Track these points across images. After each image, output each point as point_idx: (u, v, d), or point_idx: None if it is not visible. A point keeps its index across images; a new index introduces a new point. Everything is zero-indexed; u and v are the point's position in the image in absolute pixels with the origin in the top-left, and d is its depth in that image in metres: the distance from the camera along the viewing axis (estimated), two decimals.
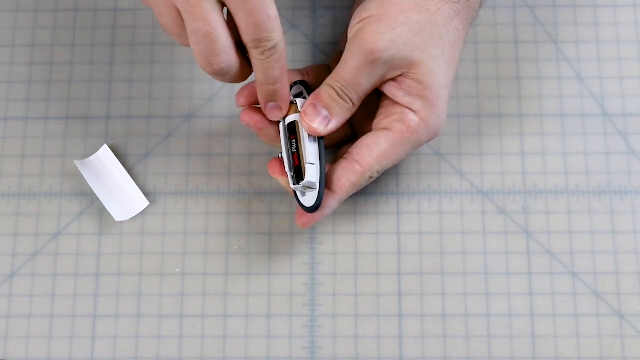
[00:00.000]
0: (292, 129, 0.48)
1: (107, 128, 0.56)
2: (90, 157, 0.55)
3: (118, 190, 0.54)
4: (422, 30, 0.47)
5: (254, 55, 0.44)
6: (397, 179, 0.55)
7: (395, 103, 0.48)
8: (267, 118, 0.49)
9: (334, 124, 0.48)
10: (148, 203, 0.54)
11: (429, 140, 0.50)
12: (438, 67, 0.47)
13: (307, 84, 0.50)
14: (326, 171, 0.48)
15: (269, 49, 0.44)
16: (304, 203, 0.48)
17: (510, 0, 0.58)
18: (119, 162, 0.55)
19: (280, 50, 0.44)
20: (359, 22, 0.47)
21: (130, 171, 0.55)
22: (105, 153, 0.55)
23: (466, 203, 0.54)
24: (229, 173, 0.55)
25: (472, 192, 0.54)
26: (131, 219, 0.54)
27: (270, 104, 0.47)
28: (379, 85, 0.48)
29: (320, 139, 0.48)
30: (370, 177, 0.49)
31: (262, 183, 0.55)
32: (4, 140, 0.56)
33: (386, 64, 0.47)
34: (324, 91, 0.47)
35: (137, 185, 0.54)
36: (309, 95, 0.49)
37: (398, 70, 0.47)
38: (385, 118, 0.49)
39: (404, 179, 0.55)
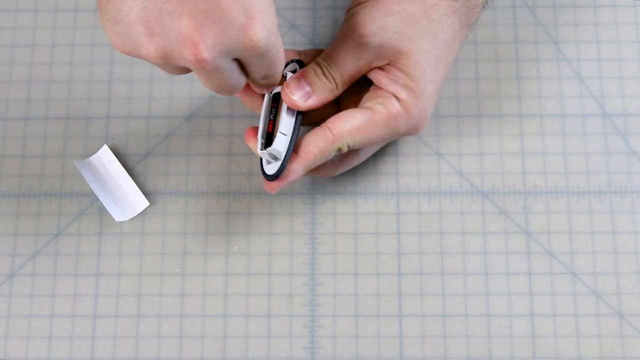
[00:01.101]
0: (277, 99, 0.48)
1: (107, 128, 0.56)
2: (90, 157, 0.55)
3: (118, 190, 0.54)
4: (416, 23, 0.47)
5: (260, 84, 0.44)
6: (397, 179, 0.55)
7: (382, 89, 0.48)
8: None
9: (313, 101, 0.47)
10: (148, 203, 0.54)
11: (406, 133, 0.49)
12: (427, 62, 0.47)
13: (303, 63, 0.49)
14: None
15: (275, 80, 0.44)
16: (266, 171, 0.47)
17: (510, 0, 0.58)
18: (119, 162, 0.55)
19: (279, 74, 0.44)
20: (356, 6, 0.48)
21: (130, 171, 0.55)
22: (105, 153, 0.55)
23: (466, 203, 0.54)
24: (229, 173, 0.55)
25: (472, 192, 0.54)
26: (131, 219, 0.54)
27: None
28: (366, 71, 0.48)
29: (298, 114, 0.47)
30: (340, 149, 0.48)
31: (262, 183, 0.55)
32: (4, 140, 0.56)
33: (374, 50, 0.46)
34: (311, 68, 0.47)
35: (137, 185, 0.54)
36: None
37: (386, 59, 0.47)
38: (369, 100, 0.48)
39: (404, 179, 0.55)
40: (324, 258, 0.53)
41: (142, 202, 0.54)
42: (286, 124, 0.47)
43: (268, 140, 0.47)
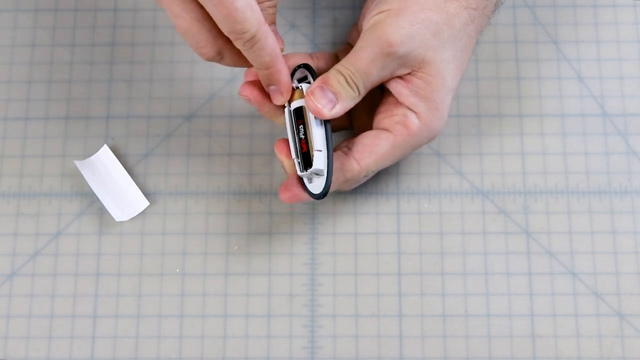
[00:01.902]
0: (299, 114, 0.48)
1: (107, 128, 0.56)
2: (90, 157, 0.55)
3: (118, 190, 0.54)
4: (439, 31, 0.47)
5: (237, 46, 0.44)
6: (397, 179, 0.55)
7: (398, 103, 0.48)
8: (265, 92, 0.48)
9: (339, 109, 0.47)
10: (148, 203, 0.54)
11: (427, 142, 0.50)
12: (447, 71, 0.47)
13: (312, 68, 0.49)
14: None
15: (248, 40, 0.43)
16: (312, 190, 0.48)
17: (510, 0, 0.58)
18: (119, 162, 0.55)
19: (262, 38, 0.44)
20: (378, 14, 0.47)
21: (130, 171, 0.55)
22: (105, 153, 0.55)
23: (466, 203, 0.54)
24: (229, 173, 0.55)
25: (472, 192, 0.54)
26: (131, 219, 0.54)
27: (272, 87, 0.47)
28: (386, 80, 0.48)
29: (326, 124, 0.47)
30: (365, 176, 0.49)
31: (262, 183, 0.55)
32: (4, 140, 0.56)
33: (400, 59, 0.46)
34: (333, 76, 0.47)
35: (137, 185, 0.54)
36: (313, 79, 0.48)
37: (408, 67, 0.47)
38: (387, 117, 0.49)
39: (404, 179, 0.55)
40: (324, 258, 0.53)
41: (142, 202, 0.54)
42: (318, 138, 0.47)
43: (305, 159, 0.47)
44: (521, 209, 0.54)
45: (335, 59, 0.51)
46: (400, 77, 0.48)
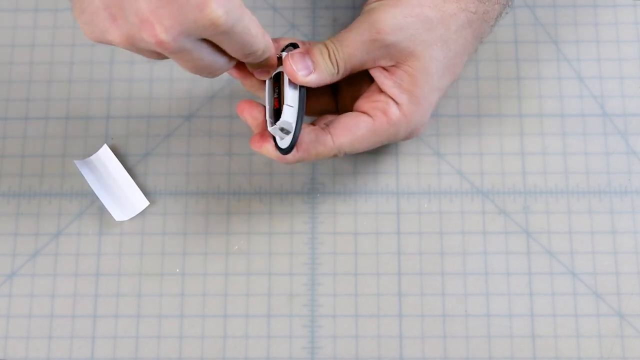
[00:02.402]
0: (277, 79, 0.48)
1: (107, 128, 0.56)
2: (90, 157, 0.55)
3: (118, 190, 0.54)
4: (433, 29, 0.47)
5: (246, 62, 0.45)
6: (397, 179, 0.55)
7: (382, 92, 0.48)
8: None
9: (313, 78, 0.47)
10: (148, 203, 0.54)
11: (406, 138, 0.50)
12: (435, 69, 0.47)
13: (298, 46, 0.49)
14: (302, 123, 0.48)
15: (259, 56, 0.44)
16: (281, 146, 0.47)
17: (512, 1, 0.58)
18: (119, 162, 0.55)
19: (269, 49, 0.44)
20: (375, 1, 0.47)
21: (130, 171, 0.55)
22: (105, 153, 0.55)
23: (466, 203, 0.54)
24: (229, 173, 0.55)
25: (472, 192, 0.54)
26: (131, 219, 0.54)
27: (258, 70, 0.48)
28: (369, 67, 0.48)
29: (301, 88, 0.47)
30: (335, 155, 0.49)
31: (262, 183, 0.55)
32: (4, 140, 0.56)
33: (386, 48, 0.47)
34: (317, 47, 0.47)
35: (137, 185, 0.54)
36: None
37: (394, 59, 0.47)
38: (368, 102, 0.49)
39: (404, 179, 0.55)
40: (324, 258, 0.53)
41: (142, 202, 0.54)
42: (291, 97, 0.47)
43: (276, 115, 0.47)
44: (521, 209, 0.54)
45: None
46: (384, 68, 0.48)
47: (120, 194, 0.54)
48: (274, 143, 0.48)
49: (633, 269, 0.53)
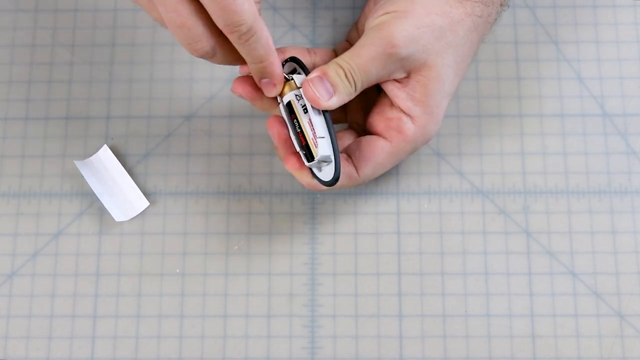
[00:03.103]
0: (290, 108, 0.47)
1: (107, 128, 0.56)
2: (90, 157, 0.55)
3: (118, 190, 0.54)
4: (443, 36, 0.47)
5: (232, 40, 0.43)
6: (397, 179, 0.55)
7: (393, 106, 0.48)
8: (257, 87, 0.48)
9: (335, 101, 0.46)
10: (148, 203, 0.54)
11: (422, 146, 0.50)
12: (447, 76, 0.47)
13: (300, 61, 0.48)
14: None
15: (244, 33, 0.43)
16: (323, 178, 0.47)
17: (510, 0, 0.58)
18: (119, 162, 0.55)
19: (257, 31, 0.43)
20: (384, 14, 0.47)
21: (130, 171, 0.55)
22: (105, 153, 0.55)
23: (466, 203, 0.54)
24: (229, 173, 0.55)
25: (472, 192, 0.54)
26: (131, 219, 0.54)
27: (264, 80, 0.47)
28: (385, 80, 0.48)
29: (325, 113, 0.47)
30: (362, 182, 0.50)
31: (262, 183, 0.55)
32: (4, 140, 0.56)
33: (400, 61, 0.46)
34: (332, 68, 0.47)
35: (137, 185, 0.54)
36: (304, 71, 0.48)
37: (407, 70, 0.47)
38: (381, 120, 0.49)
39: (404, 179, 0.55)
40: (324, 258, 0.53)
41: (142, 202, 0.54)
42: (319, 126, 0.46)
43: (307, 151, 0.47)
44: (521, 209, 0.54)
45: (334, 55, 0.51)
46: (397, 81, 0.48)
47: (120, 194, 0.54)
48: (311, 174, 0.48)
49: (633, 269, 0.53)
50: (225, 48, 0.45)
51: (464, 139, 0.55)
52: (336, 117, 0.52)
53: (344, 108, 0.51)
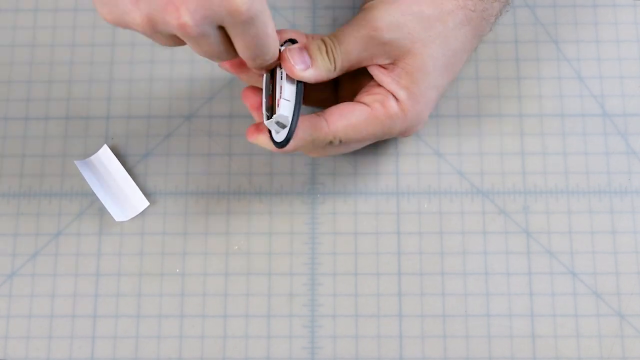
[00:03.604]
0: (273, 73, 0.48)
1: (107, 128, 0.56)
2: (90, 157, 0.55)
3: (118, 190, 0.54)
4: (431, 26, 0.47)
5: (251, 65, 0.45)
6: (397, 179, 0.55)
7: (381, 86, 0.48)
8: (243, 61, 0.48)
9: (311, 73, 0.46)
10: (148, 203, 0.54)
11: (400, 134, 0.50)
12: (433, 67, 0.47)
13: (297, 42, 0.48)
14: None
15: (266, 61, 0.44)
16: (276, 139, 0.47)
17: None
18: (119, 162, 0.55)
19: (276, 56, 0.45)
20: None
21: (130, 171, 0.55)
22: (105, 153, 0.55)
23: (466, 203, 0.54)
24: (229, 173, 0.55)
25: (472, 192, 0.54)
26: (131, 219, 0.54)
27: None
28: (367, 64, 0.48)
29: (299, 82, 0.47)
30: (330, 143, 0.48)
31: (262, 183, 0.55)
32: (4, 140, 0.56)
33: (383, 46, 0.46)
34: (314, 43, 0.47)
35: (137, 185, 0.54)
36: None
37: (392, 57, 0.47)
38: (367, 95, 0.49)
39: (404, 179, 0.55)
40: (324, 258, 0.53)
41: (142, 202, 0.54)
42: (288, 91, 0.46)
43: (271, 113, 0.47)
44: (521, 209, 0.54)
45: None
46: (382, 66, 0.48)
47: (120, 194, 0.54)
48: (269, 135, 0.48)
49: (633, 269, 0.53)
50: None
51: (464, 139, 0.55)
52: (326, 99, 0.52)
53: (335, 91, 0.51)
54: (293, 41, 0.48)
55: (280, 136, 0.47)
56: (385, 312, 0.52)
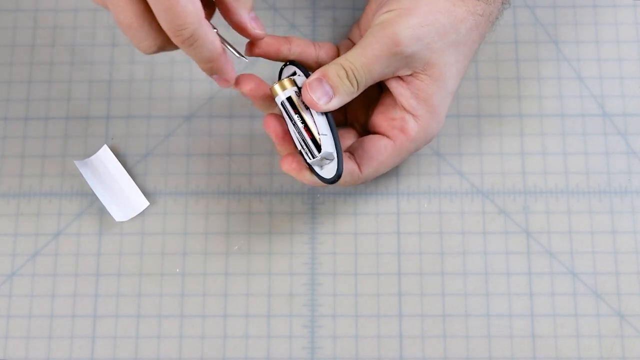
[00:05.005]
0: (292, 104, 0.47)
1: (107, 128, 0.56)
2: (90, 157, 0.55)
3: (118, 190, 0.54)
4: (446, 35, 0.47)
5: (176, 43, 0.43)
6: (397, 179, 0.55)
7: (396, 104, 0.48)
8: (261, 85, 0.47)
9: (335, 102, 0.46)
10: (148, 203, 0.54)
11: (425, 145, 0.51)
12: (449, 74, 0.48)
13: (299, 64, 0.48)
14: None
15: (187, 38, 0.42)
16: (324, 176, 0.47)
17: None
18: (119, 162, 0.55)
19: (201, 36, 0.42)
20: (387, 12, 0.47)
21: (130, 171, 0.55)
22: (105, 153, 0.55)
23: (466, 203, 0.54)
24: (229, 173, 0.55)
25: (472, 192, 0.54)
26: (131, 219, 0.54)
27: (214, 76, 0.46)
28: (388, 79, 0.48)
29: (326, 112, 0.47)
30: (364, 181, 0.50)
31: (262, 183, 0.55)
32: (4, 140, 0.56)
33: (405, 60, 0.46)
34: (333, 69, 0.46)
35: (137, 185, 0.54)
36: (304, 74, 0.48)
37: (411, 68, 0.47)
38: (385, 120, 0.49)
39: (404, 179, 0.55)
40: (324, 258, 0.53)
41: (142, 202, 0.54)
42: (321, 124, 0.46)
43: (308, 148, 0.47)
44: (521, 209, 0.54)
45: (338, 52, 0.51)
46: (401, 78, 0.48)
47: (120, 194, 0.54)
48: (309, 170, 0.48)
49: (633, 269, 0.53)
50: (173, 46, 0.43)
51: (464, 139, 0.55)
52: (336, 116, 0.52)
53: (344, 107, 0.51)
54: (293, 63, 0.48)
55: (327, 171, 0.47)
56: (385, 312, 0.52)
